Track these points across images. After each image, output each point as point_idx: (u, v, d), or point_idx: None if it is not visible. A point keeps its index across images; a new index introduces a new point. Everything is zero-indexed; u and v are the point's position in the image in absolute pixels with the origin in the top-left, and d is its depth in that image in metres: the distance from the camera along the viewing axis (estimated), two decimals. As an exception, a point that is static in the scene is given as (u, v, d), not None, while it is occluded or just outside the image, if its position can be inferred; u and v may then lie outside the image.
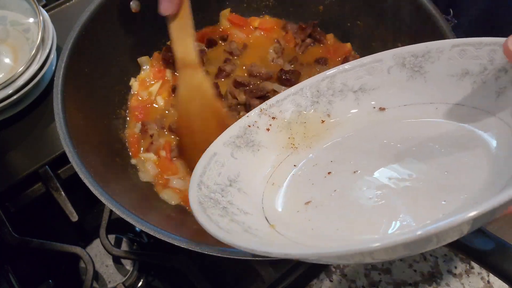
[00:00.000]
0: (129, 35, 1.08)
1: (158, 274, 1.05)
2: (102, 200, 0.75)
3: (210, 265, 0.94)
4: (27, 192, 1.05)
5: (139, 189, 0.94)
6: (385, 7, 1.06)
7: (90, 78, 0.96)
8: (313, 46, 1.17)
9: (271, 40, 1.18)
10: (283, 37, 1.18)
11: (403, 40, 1.05)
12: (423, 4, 0.96)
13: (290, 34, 1.17)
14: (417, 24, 0.99)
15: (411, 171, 0.64)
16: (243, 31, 1.20)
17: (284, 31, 1.19)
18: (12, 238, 0.95)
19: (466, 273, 1.02)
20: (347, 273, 1.02)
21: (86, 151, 0.84)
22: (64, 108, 0.84)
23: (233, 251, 0.72)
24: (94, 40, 0.96)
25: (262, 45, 1.18)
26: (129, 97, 1.08)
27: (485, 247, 0.69)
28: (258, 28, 1.20)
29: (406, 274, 1.02)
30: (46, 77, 1.13)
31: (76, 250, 0.94)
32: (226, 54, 1.15)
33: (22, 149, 1.06)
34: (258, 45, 1.18)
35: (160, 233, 0.72)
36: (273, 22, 1.21)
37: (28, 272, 1.05)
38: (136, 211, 0.76)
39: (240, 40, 1.18)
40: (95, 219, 1.12)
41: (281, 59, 1.14)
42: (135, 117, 1.05)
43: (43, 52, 1.08)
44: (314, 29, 1.16)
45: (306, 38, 1.16)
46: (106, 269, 1.01)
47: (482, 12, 1.11)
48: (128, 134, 1.03)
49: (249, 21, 1.21)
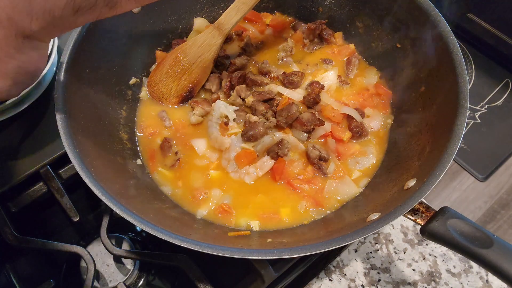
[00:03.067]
0: (130, 35, 1.08)
1: (159, 273, 1.05)
2: (103, 199, 0.75)
3: (210, 265, 0.95)
4: (29, 192, 1.05)
5: (140, 189, 0.94)
6: (383, 8, 1.07)
7: (91, 78, 0.97)
8: (321, 46, 1.18)
9: (282, 39, 1.21)
10: (292, 36, 1.20)
11: (402, 40, 1.06)
12: (421, 4, 0.96)
13: (300, 33, 1.19)
14: (416, 24, 1.00)
15: None
16: (257, 27, 1.23)
17: (293, 30, 1.21)
18: (13, 238, 0.96)
19: (465, 272, 1.02)
20: (347, 272, 1.02)
21: (87, 151, 0.84)
22: (65, 108, 0.84)
23: (233, 251, 0.72)
24: (94, 41, 0.97)
25: (272, 44, 1.21)
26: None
27: (485, 247, 0.70)
28: (269, 26, 1.22)
29: (405, 273, 1.02)
30: (47, 78, 1.13)
31: (77, 250, 0.95)
32: (240, 49, 1.18)
33: (24, 149, 1.07)
34: (269, 44, 1.21)
35: (161, 232, 0.73)
36: (284, 19, 1.23)
37: (29, 271, 1.06)
38: (137, 211, 0.76)
39: (254, 36, 1.21)
40: (96, 218, 1.13)
41: (290, 57, 1.17)
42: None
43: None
44: (323, 28, 1.17)
45: (315, 38, 1.18)
46: (107, 269, 1.01)
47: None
48: (144, 149, 1.05)
49: (262, 16, 1.24)
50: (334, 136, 1.03)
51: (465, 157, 3.00)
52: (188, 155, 1.03)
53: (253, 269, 0.93)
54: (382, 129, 1.06)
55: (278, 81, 1.11)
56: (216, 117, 1.05)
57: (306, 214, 0.95)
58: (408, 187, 0.82)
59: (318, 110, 1.05)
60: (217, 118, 1.05)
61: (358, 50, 1.17)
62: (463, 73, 0.87)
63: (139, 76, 1.13)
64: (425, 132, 0.93)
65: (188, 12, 1.19)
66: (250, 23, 1.23)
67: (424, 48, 0.99)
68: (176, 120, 1.08)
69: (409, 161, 0.92)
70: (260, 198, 0.97)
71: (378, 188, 0.95)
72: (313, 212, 0.96)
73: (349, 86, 1.12)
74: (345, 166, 1.01)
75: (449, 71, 0.89)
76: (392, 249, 1.05)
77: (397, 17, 1.04)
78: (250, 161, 0.99)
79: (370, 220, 0.79)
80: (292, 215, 0.95)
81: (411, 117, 1.01)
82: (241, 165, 0.99)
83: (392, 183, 0.91)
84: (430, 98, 0.96)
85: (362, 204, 0.94)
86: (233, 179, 0.99)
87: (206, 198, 0.97)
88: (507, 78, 2.38)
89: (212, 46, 1.09)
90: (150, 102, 1.12)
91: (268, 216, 0.94)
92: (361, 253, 1.05)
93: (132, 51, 1.10)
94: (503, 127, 2.85)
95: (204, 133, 1.05)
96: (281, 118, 1.01)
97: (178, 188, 0.99)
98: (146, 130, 1.07)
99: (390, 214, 0.75)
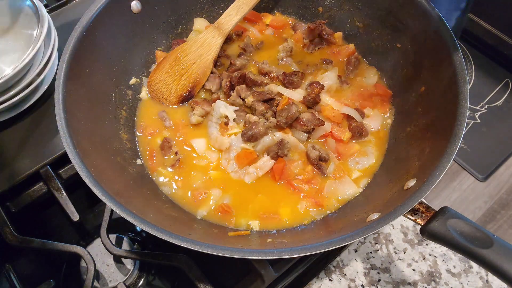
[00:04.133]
0: (130, 36, 1.08)
1: (159, 273, 1.05)
2: (103, 199, 0.75)
3: (210, 265, 0.95)
4: (29, 192, 1.05)
5: (140, 189, 0.94)
6: (383, 8, 1.07)
7: (91, 78, 0.97)
8: (321, 47, 1.18)
9: (282, 39, 1.21)
10: (292, 36, 1.20)
11: (402, 40, 1.06)
12: (420, 4, 0.96)
13: (299, 33, 1.19)
14: (415, 24, 1.00)
15: None
16: (257, 27, 1.22)
17: (293, 30, 1.21)
18: (13, 238, 0.96)
19: (465, 272, 1.02)
20: (347, 272, 1.02)
21: (87, 151, 0.84)
22: (65, 108, 0.84)
23: (233, 251, 0.72)
24: (95, 41, 0.97)
25: (272, 44, 1.21)
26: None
27: (485, 247, 0.70)
28: (269, 26, 1.22)
29: (405, 273, 1.02)
30: (48, 78, 1.14)
31: (77, 250, 0.95)
32: (240, 49, 1.18)
33: (24, 149, 1.07)
34: (269, 44, 1.21)
35: (161, 232, 0.73)
36: (284, 20, 1.23)
37: (30, 271, 1.06)
38: (137, 211, 0.76)
39: (254, 36, 1.21)
40: (96, 218, 1.13)
41: (290, 58, 1.17)
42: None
43: (45, 53, 1.09)
44: (323, 28, 1.17)
45: (315, 38, 1.18)
46: (107, 269, 1.01)
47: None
48: (144, 149, 1.05)
49: (262, 16, 1.24)
50: (334, 136, 1.03)
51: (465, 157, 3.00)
52: (188, 155, 1.03)
53: (253, 269, 0.93)
54: (382, 129, 1.06)
55: (278, 81, 1.11)
56: (216, 117, 1.05)
57: (306, 214, 0.95)
58: (408, 187, 0.82)
59: (318, 110, 1.05)
60: (217, 118, 1.05)
61: (358, 50, 1.17)
62: (463, 73, 0.87)
63: (139, 76, 1.13)
64: (425, 132, 0.93)
65: (188, 12, 1.19)
66: (250, 23, 1.23)
67: (424, 48, 0.99)
68: (176, 120, 1.08)
69: (409, 161, 0.92)
70: (260, 198, 0.97)
71: (378, 188, 0.95)
72: (313, 212, 0.96)
73: (349, 86, 1.12)
74: (345, 166, 1.01)
75: (449, 71, 0.89)
76: (392, 249, 1.05)
77: (397, 17, 1.04)
78: (250, 161, 0.99)
79: (370, 220, 0.79)
80: (292, 215, 0.95)
81: (411, 117, 1.01)
82: (241, 165, 0.99)
83: (392, 183, 0.91)
84: (430, 98, 0.96)
85: (362, 204, 0.94)
86: (233, 179, 0.99)
87: (206, 198, 0.97)
88: (507, 78, 2.38)
89: (212, 46, 1.09)
90: (150, 102, 1.12)
91: (268, 216, 0.94)
92: (361, 253, 1.05)
93: (132, 51, 1.10)
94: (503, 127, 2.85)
95: (204, 133, 1.05)
96: (281, 118, 1.01)
97: (178, 188, 0.99)
98: (146, 130, 1.07)
99: (390, 214, 0.75)
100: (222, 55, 1.16)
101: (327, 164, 1.00)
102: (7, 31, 1.13)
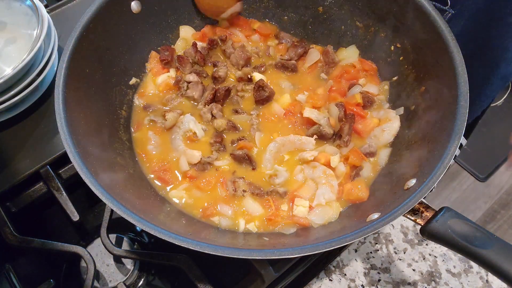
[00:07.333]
0: (130, 36, 1.08)
1: (159, 273, 1.05)
2: (103, 199, 0.75)
3: (210, 265, 0.95)
4: (29, 192, 1.05)
5: (140, 189, 0.94)
6: (383, 8, 1.07)
7: (91, 78, 0.97)
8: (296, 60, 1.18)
9: (267, 46, 1.20)
10: (275, 46, 1.20)
11: (402, 40, 1.06)
12: (420, 4, 0.96)
13: (285, 45, 1.19)
14: (415, 24, 1.00)
15: None
16: (243, 32, 1.21)
17: (277, 39, 1.21)
18: (13, 238, 0.96)
19: (465, 272, 1.02)
20: (347, 272, 1.02)
21: (87, 151, 0.84)
22: (65, 108, 0.84)
23: (233, 251, 0.72)
24: (95, 40, 0.97)
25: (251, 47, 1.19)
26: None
27: (485, 247, 0.70)
28: (256, 31, 1.21)
29: (405, 273, 1.02)
30: (48, 78, 1.14)
31: (77, 250, 0.95)
32: (222, 54, 1.17)
33: (24, 149, 1.07)
34: (249, 48, 1.19)
35: (161, 232, 0.73)
36: (272, 29, 1.23)
37: (29, 271, 1.06)
38: (137, 211, 0.76)
39: (239, 41, 1.19)
40: (96, 218, 1.13)
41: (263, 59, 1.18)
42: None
43: (45, 53, 1.09)
44: (305, 46, 1.17)
45: (299, 58, 1.17)
46: (107, 269, 1.01)
47: (482, 2, 1.11)
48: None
49: (249, 22, 1.22)
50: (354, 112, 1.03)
51: (465, 157, 3.00)
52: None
53: (253, 269, 0.93)
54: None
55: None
56: (182, 130, 1.03)
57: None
58: (408, 187, 0.82)
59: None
60: (183, 132, 1.03)
61: (358, 50, 1.16)
62: (463, 73, 0.87)
63: (139, 76, 1.13)
64: (425, 132, 0.93)
65: (188, 12, 1.19)
66: (236, 27, 1.22)
67: (424, 48, 0.99)
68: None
69: (409, 161, 0.92)
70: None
71: (378, 188, 0.95)
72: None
73: (336, 68, 1.14)
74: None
75: (449, 71, 0.89)
76: (392, 249, 1.05)
77: (397, 18, 1.04)
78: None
79: (370, 220, 0.79)
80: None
81: (411, 117, 1.01)
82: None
83: (392, 183, 0.91)
84: (430, 98, 0.96)
85: (362, 204, 0.94)
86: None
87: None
88: (507, 78, 2.38)
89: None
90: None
91: (268, 217, 0.94)
92: (361, 253, 1.05)
93: (132, 51, 1.10)
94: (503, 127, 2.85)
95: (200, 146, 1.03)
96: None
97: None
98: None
99: (390, 214, 0.75)
100: (207, 62, 1.15)
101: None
102: (7, 31, 1.13)
